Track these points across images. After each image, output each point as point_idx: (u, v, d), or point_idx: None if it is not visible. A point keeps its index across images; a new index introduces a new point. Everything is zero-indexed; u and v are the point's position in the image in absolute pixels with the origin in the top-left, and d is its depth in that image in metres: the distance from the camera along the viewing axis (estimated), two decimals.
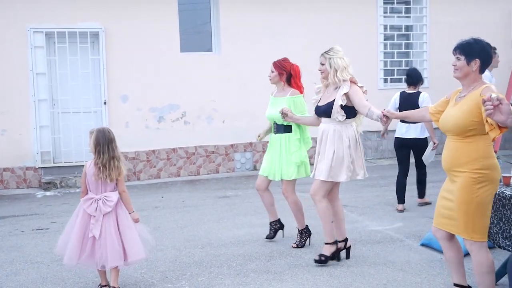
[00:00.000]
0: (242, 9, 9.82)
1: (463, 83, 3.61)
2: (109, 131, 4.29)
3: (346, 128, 4.73)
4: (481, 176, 3.44)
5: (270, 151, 5.43)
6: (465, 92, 3.57)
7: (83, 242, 4.18)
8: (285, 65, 5.43)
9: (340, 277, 4.56)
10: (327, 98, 4.82)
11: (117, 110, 9.29)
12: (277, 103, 5.31)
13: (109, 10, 9.16)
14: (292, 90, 5.33)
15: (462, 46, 3.57)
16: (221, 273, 4.74)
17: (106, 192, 4.21)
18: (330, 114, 4.71)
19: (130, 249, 4.18)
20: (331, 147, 4.71)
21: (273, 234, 5.61)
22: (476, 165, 3.44)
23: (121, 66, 9.23)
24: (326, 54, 4.80)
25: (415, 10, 10.86)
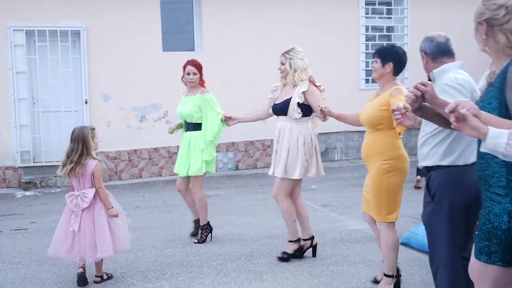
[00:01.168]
0: (225, 9, 9.82)
1: (379, 83, 4.05)
2: (83, 129, 4.42)
3: (302, 126, 4.83)
4: (390, 166, 3.89)
5: (181, 149, 5.60)
6: (381, 91, 4.02)
7: (65, 236, 4.37)
8: (201, 65, 5.61)
9: (319, 276, 4.59)
10: (284, 96, 4.92)
11: (99, 109, 9.23)
12: (187, 102, 5.50)
13: (91, 9, 9.09)
14: (202, 89, 5.52)
15: (379, 50, 4.03)
16: (202, 272, 4.74)
17: (85, 189, 4.36)
18: (286, 111, 4.81)
19: (100, 245, 4.32)
20: (287, 145, 4.80)
21: (197, 231, 5.66)
22: (385, 156, 3.91)
23: (102, 65, 9.17)
24: (287, 54, 4.88)
25: (396, 11, 10.96)
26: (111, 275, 4.64)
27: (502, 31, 2.42)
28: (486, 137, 2.16)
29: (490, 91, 2.45)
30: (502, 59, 2.46)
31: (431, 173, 3.23)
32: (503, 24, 2.42)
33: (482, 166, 2.47)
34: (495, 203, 2.39)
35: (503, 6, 2.42)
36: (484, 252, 2.42)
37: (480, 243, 2.44)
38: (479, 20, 2.49)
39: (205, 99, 5.45)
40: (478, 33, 2.52)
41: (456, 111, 2.19)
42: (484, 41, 2.50)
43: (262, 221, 6.43)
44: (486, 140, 2.17)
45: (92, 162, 4.37)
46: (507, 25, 2.42)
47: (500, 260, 2.39)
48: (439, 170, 3.19)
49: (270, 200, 7.49)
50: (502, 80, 2.38)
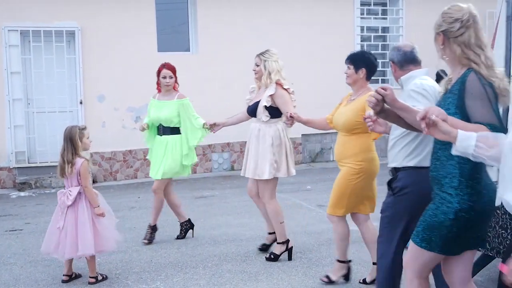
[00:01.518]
0: (220, 9, 9.82)
1: (353, 88, 4.22)
2: (71, 128, 4.48)
3: (270, 127, 4.90)
4: (361, 167, 4.09)
5: (155, 153, 5.60)
6: (355, 96, 4.19)
7: (54, 233, 4.45)
8: (175, 68, 5.66)
9: (315, 276, 4.59)
10: (256, 98, 5.03)
11: (94, 109, 9.21)
12: (164, 106, 5.51)
13: (86, 9, 9.08)
14: (178, 93, 5.60)
15: (351, 56, 4.20)
16: (197, 273, 4.74)
17: (71, 187, 4.42)
18: (256, 113, 4.94)
19: (80, 243, 4.34)
20: (255, 146, 4.92)
21: (184, 234, 5.73)
22: (358, 157, 4.09)
23: (97, 66, 9.16)
24: (262, 56, 4.95)
25: (391, 12, 10.99)
26: (106, 276, 4.64)
27: (456, 43, 2.65)
28: (456, 140, 2.32)
29: (448, 98, 2.66)
30: (458, 68, 2.68)
31: (398, 173, 3.40)
32: (457, 37, 2.65)
33: (437, 167, 2.71)
34: (445, 202, 2.65)
35: (458, 20, 2.65)
36: (425, 240, 2.73)
37: (422, 232, 2.74)
38: (437, 31, 2.72)
39: (183, 104, 5.54)
40: (436, 43, 2.74)
41: (426, 117, 2.35)
42: (441, 50, 2.72)
43: (258, 221, 6.41)
44: (456, 143, 2.32)
45: (79, 160, 4.41)
46: (461, 37, 2.64)
47: (438, 248, 2.72)
48: (406, 171, 3.35)
49: None
50: (460, 88, 2.59)
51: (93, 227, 4.39)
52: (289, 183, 8.72)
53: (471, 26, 2.66)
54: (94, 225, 4.40)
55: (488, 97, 2.56)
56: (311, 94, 9.70)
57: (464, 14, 2.67)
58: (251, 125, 5.05)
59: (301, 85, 10.12)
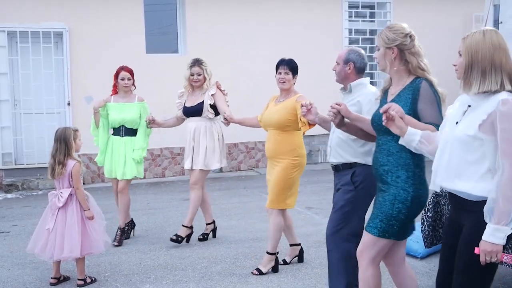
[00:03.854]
0: (209, 10, 9.82)
1: (284, 93, 4.66)
2: (65, 130, 4.49)
3: (215, 124, 5.61)
4: (297, 162, 4.57)
5: (115, 153, 5.76)
6: (283, 98, 4.66)
7: (42, 234, 4.44)
8: (133, 71, 5.96)
9: (304, 278, 4.61)
10: (194, 101, 5.59)
11: (81, 111, 9.14)
12: (125, 108, 5.76)
13: (74, 10, 9.03)
14: (138, 96, 5.89)
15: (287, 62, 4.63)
16: (186, 276, 4.74)
17: (63, 189, 4.42)
18: (201, 113, 5.51)
19: (67, 245, 4.34)
20: (204, 141, 5.51)
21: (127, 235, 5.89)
22: (294, 153, 4.56)
23: (85, 67, 9.11)
24: (202, 65, 5.58)
25: (379, 15, 11.05)
26: (95, 278, 4.62)
27: (412, 54, 3.09)
28: (405, 134, 2.82)
29: (398, 102, 3.03)
30: (404, 78, 3.12)
31: (356, 168, 3.73)
32: (411, 49, 3.09)
33: (390, 160, 3.08)
34: (401, 191, 3.02)
35: (408, 35, 3.11)
36: (384, 230, 3.06)
37: (381, 223, 3.07)
38: (390, 45, 3.10)
39: (144, 106, 5.86)
40: (386, 56, 3.13)
41: (387, 112, 2.82)
42: (392, 62, 3.12)
43: (246, 224, 6.44)
44: (404, 136, 2.83)
45: (71, 162, 4.40)
46: (414, 49, 3.10)
47: (395, 236, 3.09)
48: (364, 167, 3.68)
49: (254, 203, 7.55)
50: (414, 93, 3.03)
51: (82, 229, 4.38)
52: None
53: (415, 39, 3.13)
54: (83, 227, 4.39)
55: (437, 101, 3.03)
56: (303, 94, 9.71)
57: (409, 30, 3.13)
58: (191, 124, 5.59)
59: None
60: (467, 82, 2.58)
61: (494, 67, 2.52)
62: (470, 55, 2.56)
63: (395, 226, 3.05)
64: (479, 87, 2.53)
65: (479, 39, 2.56)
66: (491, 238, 2.44)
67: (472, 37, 2.59)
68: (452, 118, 2.69)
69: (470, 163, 2.54)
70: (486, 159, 2.51)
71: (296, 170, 4.60)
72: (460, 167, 2.57)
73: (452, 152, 2.60)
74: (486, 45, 2.54)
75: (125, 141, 5.75)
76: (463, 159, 2.56)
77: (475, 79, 2.54)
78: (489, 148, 2.49)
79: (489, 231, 2.45)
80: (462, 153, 2.56)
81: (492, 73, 2.51)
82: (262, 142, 10.34)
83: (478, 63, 2.54)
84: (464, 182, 2.56)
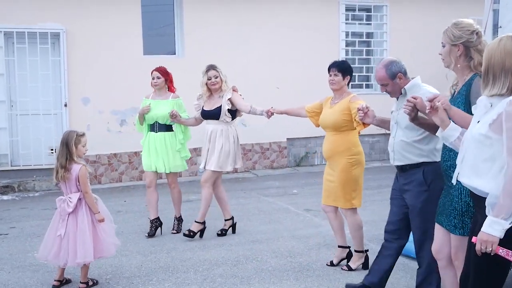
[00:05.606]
0: (206, 12, 9.81)
1: (336, 93, 4.77)
2: (68, 133, 4.44)
3: (231, 127, 5.84)
4: (354, 160, 4.66)
5: (151, 148, 6.01)
6: (337, 100, 4.74)
7: (54, 240, 4.37)
8: (167, 71, 6.21)
9: (306, 281, 4.62)
10: (213, 104, 5.82)
11: (78, 112, 9.12)
12: (159, 105, 6.00)
13: (71, 11, 8.99)
14: (173, 94, 6.16)
15: (337, 64, 4.76)
16: (188, 278, 4.73)
17: (71, 193, 4.37)
18: (218, 117, 5.74)
19: (80, 250, 4.30)
20: (220, 144, 5.72)
21: (154, 231, 6.05)
22: (350, 152, 4.65)
23: (82, 68, 9.08)
24: (217, 69, 5.88)
25: (375, 18, 11.10)
26: (97, 281, 4.60)
27: (477, 51, 3.14)
28: (446, 127, 2.91)
29: (457, 98, 3.16)
30: (465, 74, 3.19)
31: (424, 167, 3.74)
32: (477, 46, 3.15)
33: (451, 156, 3.11)
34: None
35: (474, 32, 3.15)
36: (459, 227, 3.08)
37: (454, 219, 3.09)
38: (456, 42, 3.16)
39: (177, 103, 6.08)
40: (451, 53, 3.20)
41: (433, 102, 2.93)
42: (457, 59, 3.18)
43: (246, 226, 6.44)
44: (444, 130, 2.92)
45: (76, 166, 4.35)
46: (480, 46, 3.14)
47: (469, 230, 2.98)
48: (432, 164, 3.71)
49: (253, 205, 7.55)
50: (467, 89, 3.11)
51: (93, 233, 4.35)
52: (274, 187, 8.76)
53: (482, 36, 3.17)
54: (94, 231, 4.36)
55: None
56: (296, 98, 9.66)
57: (476, 26, 3.16)
58: (209, 127, 5.83)
59: (286, 89, 10.19)
60: (483, 85, 2.74)
61: (505, 72, 2.64)
62: (487, 61, 2.71)
63: (467, 221, 3.05)
64: (490, 90, 2.68)
65: (495, 45, 2.70)
66: (488, 229, 2.54)
67: (491, 44, 2.75)
68: (475, 117, 2.79)
69: (483, 161, 2.66)
70: (497, 158, 2.61)
71: (354, 168, 4.68)
72: (475, 164, 2.69)
73: (468, 150, 2.73)
74: (499, 51, 2.66)
75: (159, 136, 5.99)
76: (477, 156, 2.68)
77: (489, 82, 2.69)
78: (498, 147, 2.59)
79: (488, 222, 2.56)
80: (476, 150, 2.68)
81: (501, 77, 2.63)
82: (259, 144, 10.37)
83: (493, 68, 2.67)
84: (478, 179, 2.67)
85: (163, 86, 6.12)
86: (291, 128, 10.07)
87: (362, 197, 4.82)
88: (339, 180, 4.68)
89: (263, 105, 5.76)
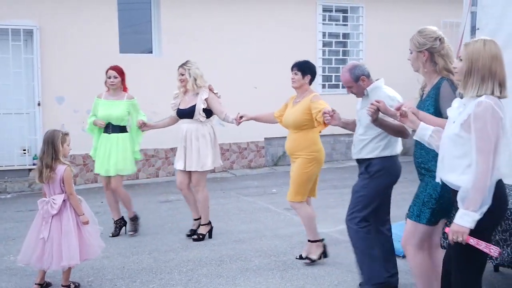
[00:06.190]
0: (184, 10, 9.70)
1: (298, 92, 4.91)
2: (54, 132, 4.31)
3: (206, 126, 5.71)
4: (312, 157, 4.79)
5: (103, 150, 5.85)
6: (299, 98, 4.89)
7: (36, 243, 4.23)
8: (123, 70, 6.03)
9: (292, 279, 4.60)
10: (188, 103, 5.71)
11: (52, 111, 8.91)
12: (113, 105, 5.84)
13: (45, 7, 8.78)
14: (127, 94, 5.97)
15: (296, 64, 4.89)
16: (173, 279, 4.65)
17: (55, 195, 4.24)
18: (193, 115, 5.63)
19: (65, 253, 4.19)
20: (196, 143, 5.62)
21: (118, 231, 6.01)
22: (309, 149, 4.79)
23: (56, 66, 8.88)
24: (185, 66, 5.74)
25: (352, 19, 11.16)
26: (78, 284, 4.48)
27: (440, 56, 3.38)
28: (418, 128, 3.10)
29: (426, 101, 3.38)
30: (432, 78, 3.42)
31: (373, 160, 4.09)
32: (440, 51, 3.38)
33: (422, 154, 3.39)
34: (432, 180, 3.26)
35: (437, 38, 3.38)
36: (416, 214, 3.38)
37: (417, 209, 3.38)
38: (421, 49, 3.39)
39: (133, 104, 5.92)
40: (418, 59, 3.43)
41: (400, 109, 3.16)
42: (423, 64, 3.41)
43: (228, 225, 6.38)
44: (417, 131, 3.11)
45: (61, 167, 4.23)
46: (443, 51, 3.38)
47: (428, 220, 3.35)
48: (380, 159, 4.07)
49: (232, 205, 7.50)
50: (436, 92, 3.33)
51: (78, 235, 4.22)
52: (253, 187, 8.72)
53: (445, 42, 3.41)
54: (79, 233, 4.24)
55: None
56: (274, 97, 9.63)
57: (439, 33, 3.41)
58: (184, 126, 5.72)
59: (264, 88, 10.16)
60: (464, 86, 2.86)
61: (491, 75, 2.80)
62: (470, 62, 2.82)
63: (427, 211, 3.34)
64: (477, 91, 2.80)
65: (480, 48, 2.81)
66: (459, 220, 2.78)
67: (473, 45, 2.85)
68: (451, 118, 2.98)
69: (456, 158, 2.89)
70: (468, 155, 2.82)
71: (311, 165, 4.81)
72: (450, 161, 2.93)
73: (444, 148, 2.96)
74: (486, 55, 2.80)
75: (113, 137, 5.81)
76: (452, 154, 2.91)
77: (474, 84, 2.81)
78: (469, 146, 2.80)
79: (459, 214, 2.79)
80: (450, 149, 2.91)
81: (488, 81, 2.79)
82: (236, 143, 10.32)
83: (478, 70, 2.79)
84: (451, 174, 2.92)
85: (119, 86, 5.93)
86: (269, 127, 9.92)
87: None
88: (296, 174, 4.83)
89: (241, 105, 5.83)
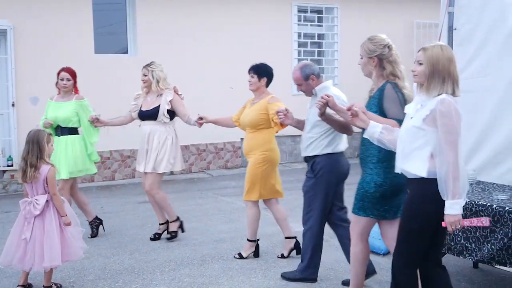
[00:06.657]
0: (160, 10, 9.68)
1: (255, 94, 5.06)
2: (38, 132, 4.29)
3: (170, 128, 5.68)
4: (266, 156, 4.90)
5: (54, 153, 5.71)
6: (257, 100, 5.02)
7: (18, 244, 4.19)
8: (75, 73, 5.94)
9: (274, 278, 4.65)
10: (151, 104, 5.66)
11: (27, 112, 8.78)
12: (61, 107, 5.76)
13: (19, 7, 8.66)
14: (77, 95, 5.89)
15: (252, 67, 5.07)
16: (155, 279, 4.66)
17: (38, 195, 4.20)
18: (156, 117, 5.59)
19: (47, 254, 4.15)
20: (157, 145, 5.58)
21: (96, 231, 5.98)
22: (263, 148, 4.90)
23: (31, 66, 8.76)
24: (149, 67, 5.70)
25: (327, 20, 11.29)
26: (60, 285, 4.46)
27: (389, 62, 3.62)
28: (368, 126, 3.31)
29: (372, 101, 3.62)
30: (379, 81, 3.66)
31: (316, 158, 4.29)
32: (388, 58, 3.62)
33: (362, 150, 3.66)
34: (367, 175, 3.59)
35: (386, 45, 3.62)
36: (359, 208, 3.64)
37: (357, 202, 3.66)
38: (370, 55, 3.63)
39: (82, 104, 5.81)
40: (368, 64, 3.66)
41: (351, 109, 3.36)
42: (373, 69, 3.65)
43: (207, 225, 6.41)
44: (367, 129, 3.32)
45: (45, 167, 4.19)
46: (391, 58, 3.62)
47: (370, 213, 3.63)
48: (323, 156, 4.27)
49: (211, 205, 7.53)
50: (380, 94, 3.57)
51: (60, 236, 4.19)
52: (231, 187, 8.75)
53: (393, 49, 3.64)
54: (62, 234, 4.21)
55: (400, 100, 3.53)
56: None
57: (388, 41, 3.65)
58: (145, 128, 5.66)
59: (240, 89, 10.17)
60: (427, 87, 3.11)
61: (449, 76, 3.09)
62: (432, 65, 3.09)
63: (365, 204, 3.61)
64: (438, 91, 3.07)
65: (439, 52, 3.10)
66: (450, 211, 3.00)
67: (432, 50, 3.12)
68: (408, 114, 3.26)
69: (414, 149, 3.13)
70: (428, 145, 3.09)
71: (264, 164, 4.91)
72: (408, 152, 3.16)
73: (403, 140, 3.20)
74: (444, 58, 3.08)
75: (62, 140, 5.70)
76: (410, 145, 3.15)
77: (436, 85, 3.08)
78: (431, 137, 3.07)
79: (448, 205, 3.00)
80: (409, 140, 3.16)
81: (448, 81, 3.08)
82: (213, 144, 10.34)
83: (439, 72, 3.07)
84: (408, 163, 3.16)
85: (71, 88, 5.84)
86: None
87: None
88: (249, 173, 4.95)
89: (217, 105, 5.86)
